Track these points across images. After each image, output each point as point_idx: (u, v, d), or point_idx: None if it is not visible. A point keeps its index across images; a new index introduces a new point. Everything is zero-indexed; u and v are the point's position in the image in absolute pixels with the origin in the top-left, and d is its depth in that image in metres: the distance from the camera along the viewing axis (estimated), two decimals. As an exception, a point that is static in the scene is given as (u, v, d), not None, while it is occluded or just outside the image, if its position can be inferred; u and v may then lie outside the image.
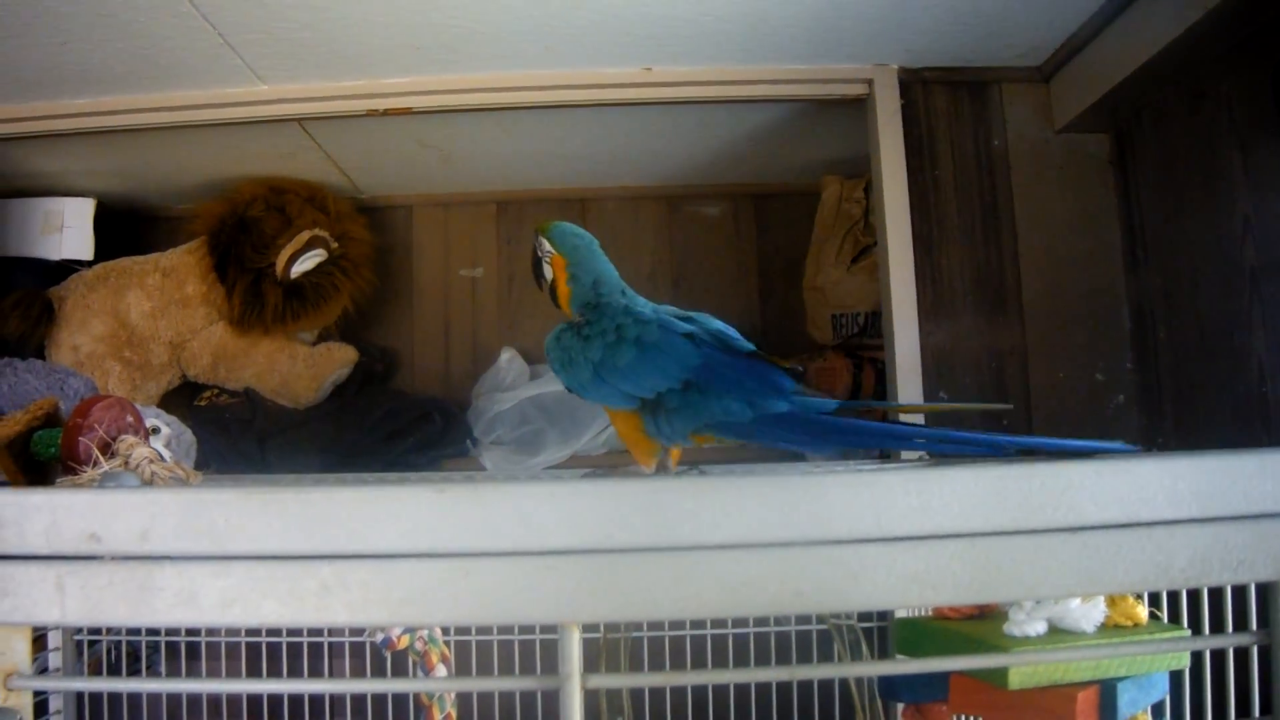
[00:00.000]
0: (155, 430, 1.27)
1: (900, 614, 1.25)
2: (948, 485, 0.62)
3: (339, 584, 0.58)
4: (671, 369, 1.17)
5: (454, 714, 1.46)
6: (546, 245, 1.35)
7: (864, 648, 1.52)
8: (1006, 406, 1.27)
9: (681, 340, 1.19)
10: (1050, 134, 1.96)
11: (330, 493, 0.59)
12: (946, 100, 1.95)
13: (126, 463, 0.89)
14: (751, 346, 1.20)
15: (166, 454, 1.28)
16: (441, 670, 1.39)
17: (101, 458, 0.88)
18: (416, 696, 1.43)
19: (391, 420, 2.24)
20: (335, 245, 2.25)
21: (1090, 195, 1.94)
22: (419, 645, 1.45)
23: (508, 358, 2.37)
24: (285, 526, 0.57)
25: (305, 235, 2.19)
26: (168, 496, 0.59)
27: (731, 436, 1.19)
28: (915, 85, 1.94)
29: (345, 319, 2.35)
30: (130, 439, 0.92)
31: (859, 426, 1.19)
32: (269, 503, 0.58)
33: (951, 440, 1.14)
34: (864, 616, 1.63)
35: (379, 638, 1.40)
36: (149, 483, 0.90)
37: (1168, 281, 1.78)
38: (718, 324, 1.24)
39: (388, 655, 1.46)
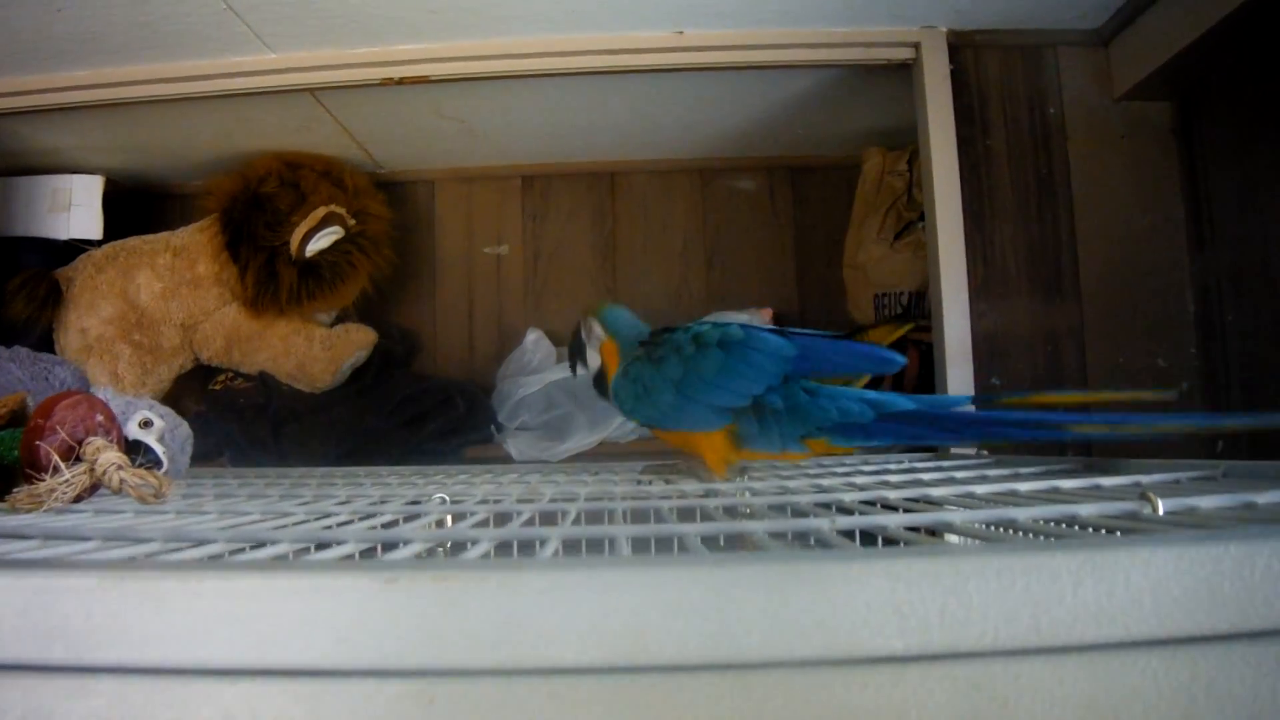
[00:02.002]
0: (147, 423, 1.18)
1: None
2: (1138, 567, 0.42)
3: (247, 713, 0.41)
4: (767, 365, 1.07)
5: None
6: (598, 329, 1.26)
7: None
8: (1171, 395, 1.16)
9: (769, 334, 1.09)
10: (1109, 101, 1.84)
11: (231, 579, 0.42)
12: (999, 65, 1.84)
13: (92, 470, 0.79)
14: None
15: (159, 449, 1.19)
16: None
17: (64, 465, 0.78)
18: None
19: (412, 405, 2.16)
20: (353, 222, 2.15)
21: (1152, 167, 1.82)
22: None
23: (534, 339, 2.28)
24: (169, 628, 0.40)
25: (321, 212, 2.09)
26: (6, 580, 0.42)
27: (851, 440, 1.08)
28: (965, 49, 1.83)
29: (364, 299, 2.26)
30: (97, 442, 0.81)
31: (997, 418, 1.10)
32: (146, 592, 0.41)
33: (1114, 425, 1.05)
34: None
35: None
36: (118, 492, 0.80)
37: (1237, 261, 1.67)
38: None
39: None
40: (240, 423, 2.12)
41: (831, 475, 1.08)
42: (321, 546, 0.61)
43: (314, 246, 2.09)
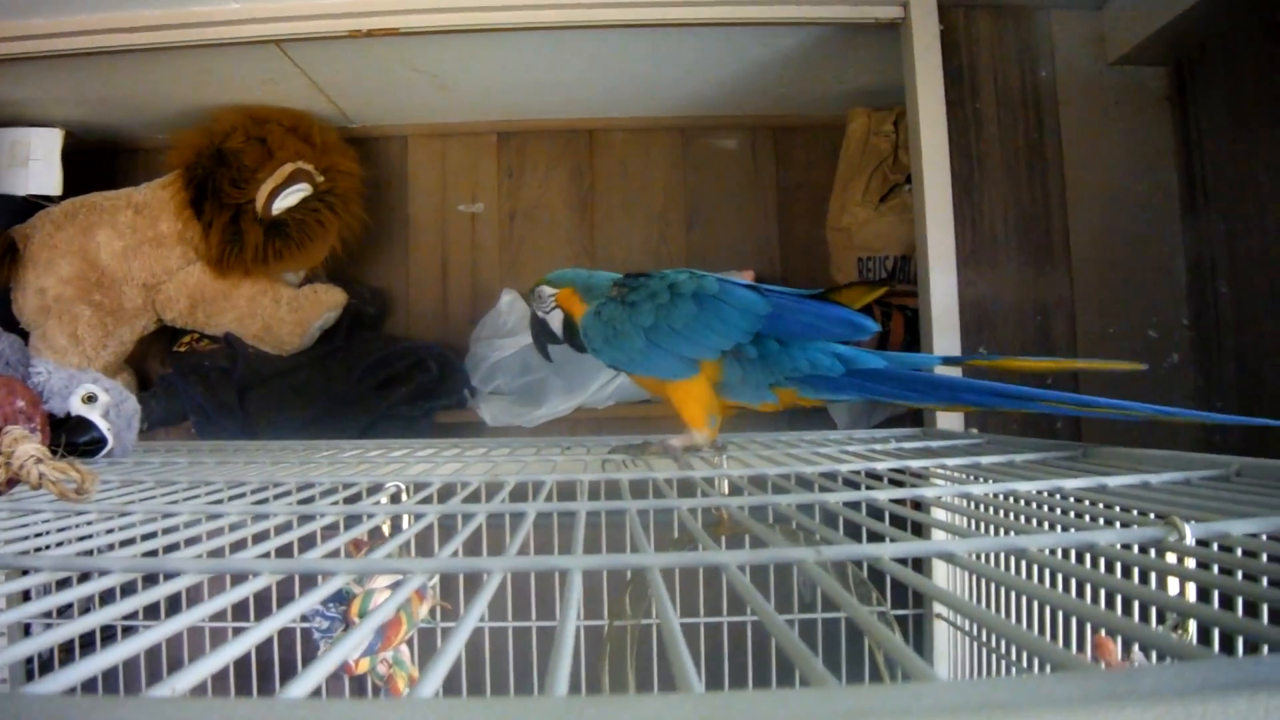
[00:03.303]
0: (91, 398, 1.12)
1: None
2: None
3: None
4: (739, 321, 1.10)
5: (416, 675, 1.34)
6: (548, 290, 1.29)
7: (896, 633, 1.37)
8: (1141, 367, 1.13)
9: (744, 290, 1.11)
10: (1103, 66, 1.80)
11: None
12: (990, 26, 1.79)
13: (8, 464, 0.73)
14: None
15: (103, 425, 1.13)
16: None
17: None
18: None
19: (383, 368, 2.11)
20: (321, 179, 2.08)
21: (1146, 134, 1.79)
22: (382, 669, 1.32)
23: (509, 300, 2.21)
24: None
25: (288, 168, 2.03)
26: None
27: (819, 393, 1.13)
28: (956, 9, 1.77)
29: (333, 259, 2.19)
30: (16, 432, 0.75)
31: (966, 384, 1.12)
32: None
33: (1083, 405, 1.07)
34: (897, 602, 1.51)
35: None
36: (36, 488, 0.74)
37: (1231, 231, 1.63)
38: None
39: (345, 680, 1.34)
40: (205, 386, 2.06)
41: (812, 464, 1.04)
42: (238, 581, 0.55)
43: (281, 204, 2.02)
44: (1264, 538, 0.59)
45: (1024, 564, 1.25)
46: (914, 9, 1.73)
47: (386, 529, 1.21)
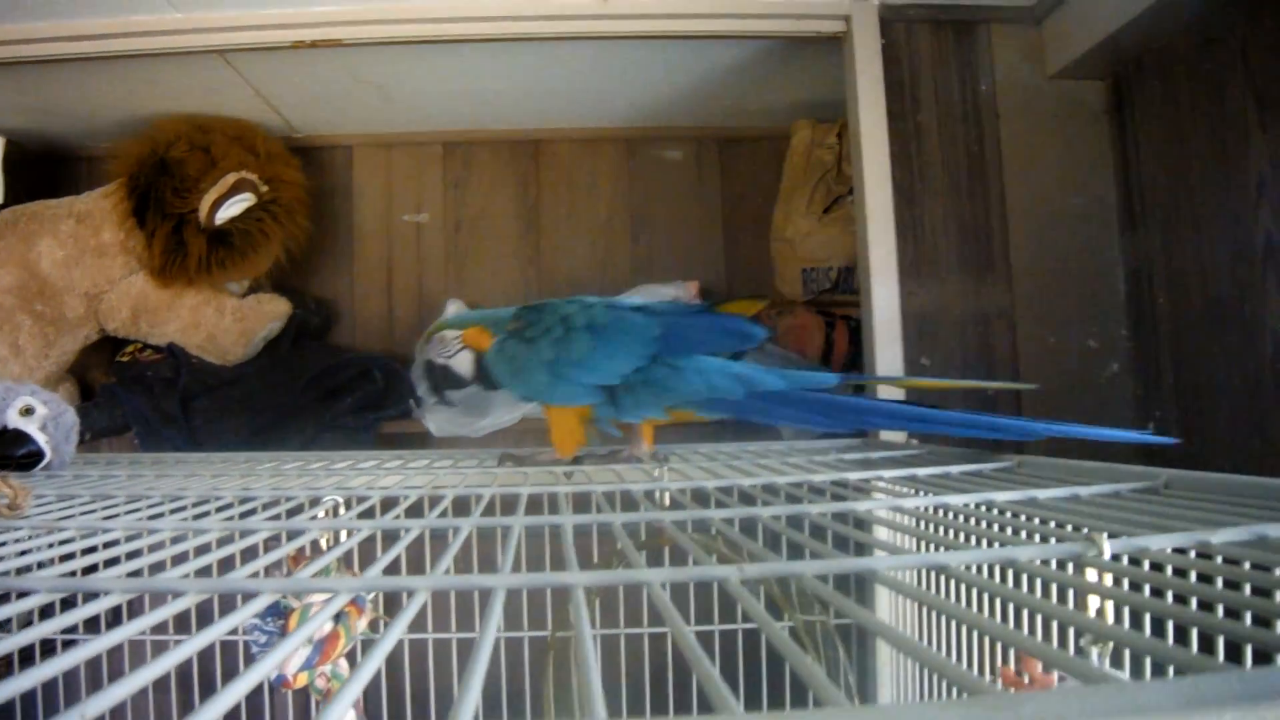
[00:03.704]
0: (28, 410, 1.11)
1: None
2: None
3: None
4: (634, 346, 1.11)
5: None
6: (451, 333, 1.31)
7: (839, 646, 1.38)
8: (1032, 386, 1.15)
9: (635, 314, 1.11)
10: (1042, 80, 1.82)
11: None
12: (931, 40, 1.80)
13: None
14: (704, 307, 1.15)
15: (41, 438, 1.12)
16: (351, 715, 1.25)
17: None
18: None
19: (328, 378, 2.10)
20: (265, 189, 2.06)
21: (1084, 146, 1.81)
22: (320, 683, 1.31)
23: (454, 310, 2.20)
24: None
25: (231, 178, 2.01)
26: None
27: (718, 413, 1.14)
28: (897, 23, 1.79)
29: (278, 269, 2.17)
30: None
31: (869, 406, 1.13)
32: None
33: (976, 425, 1.08)
34: (840, 613, 1.51)
35: (272, 675, 1.26)
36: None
37: (1169, 243, 1.65)
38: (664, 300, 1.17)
39: (286, 694, 1.33)
40: (148, 396, 2.04)
41: (752, 476, 1.04)
42: (164, 600, 0.54)
43: (224, 214, 2.00)
44: (1188, 553, 0.59)
45: (950, 580, 1.26)
46: (856, 23, 1.75)
47: (325, 543, 1.20)
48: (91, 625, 1.10)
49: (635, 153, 2.45)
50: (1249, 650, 0.59)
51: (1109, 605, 0.69)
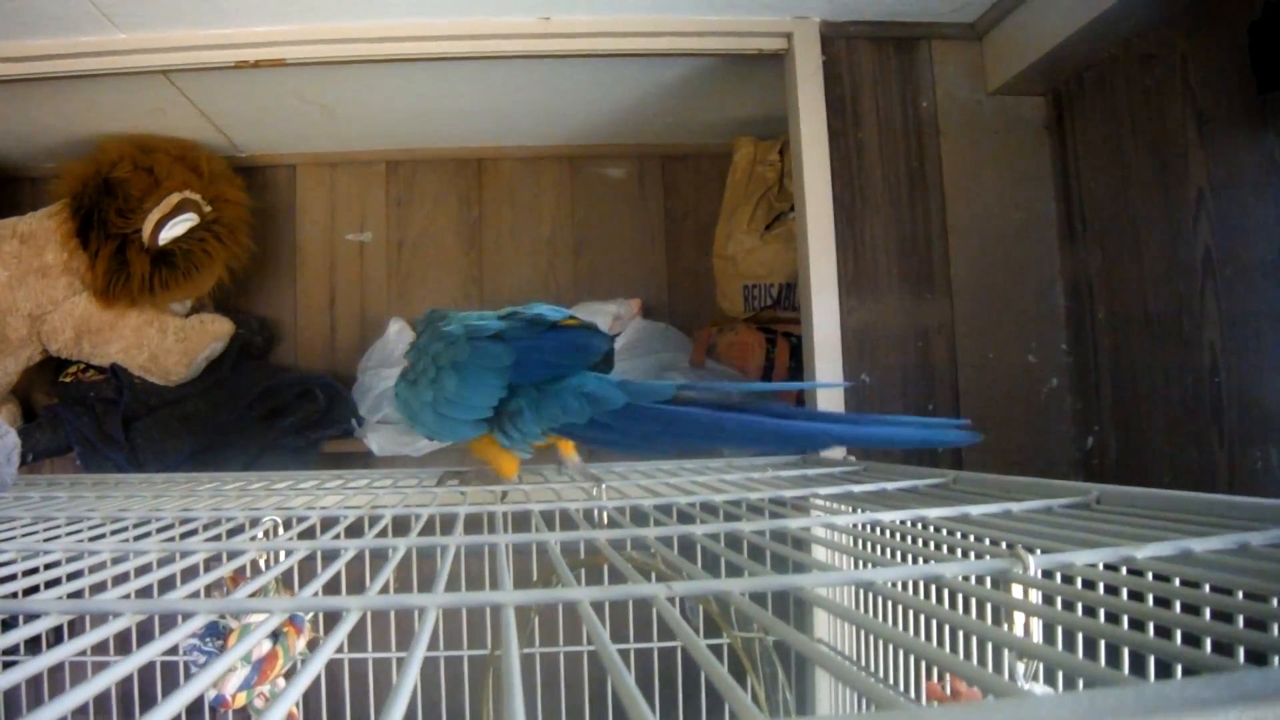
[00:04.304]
0: (-32, 433, 1.10)
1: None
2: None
3: None
4: (491, 379, 1.11)
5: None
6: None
7: (776, 662, 1.38)
8: (847, 384, 1.15)
9: (490, 344, 1.12)
10: (983, 96, 1.83)
11: None
12: (872, 58, 1.81)
13: None
14: (564, 315, 1.16)
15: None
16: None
17: None
18: None
19: (270, 398, 2.09)
20: (208, 209, 2.06)
21: (1025, 162, 1.82)
22: (259, 703, 1.30)
23: (396, 329, 2.20)
24: None
25: (175, 198, 2.00)
26: None
27: (579, 439, 1.15)
28: (838, 41, 1.79)
29: (221, 289, 2.17)
30: None
31: (698, 418, 1.04)
32: None
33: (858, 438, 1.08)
34: (766, 629, 1.51)
35: (211, 695, 1.25)
36: None
37: (1108, 259, 1.66)
38: (542, 307, 1.17)
39: (226, 715, 1.33)
40: (91, 416, 2.03)
41: (690, 494, 1.03)
42: (101, 621, 0.54)
43: (167, 234, 1.99)
44: (1119, 569, 0.59)
45: (878, 598, 1.26)
46: (797, 40, 1.76)
47: (264, 563, 1.19)
48: (33, 646, 1.09)
49: (578, 170, 2.46)
50: (1179, 669, 0.58)
51: (1034, 622, 0.69)
